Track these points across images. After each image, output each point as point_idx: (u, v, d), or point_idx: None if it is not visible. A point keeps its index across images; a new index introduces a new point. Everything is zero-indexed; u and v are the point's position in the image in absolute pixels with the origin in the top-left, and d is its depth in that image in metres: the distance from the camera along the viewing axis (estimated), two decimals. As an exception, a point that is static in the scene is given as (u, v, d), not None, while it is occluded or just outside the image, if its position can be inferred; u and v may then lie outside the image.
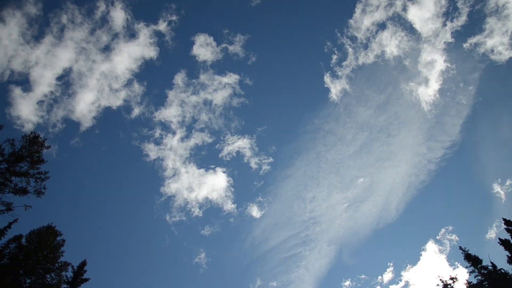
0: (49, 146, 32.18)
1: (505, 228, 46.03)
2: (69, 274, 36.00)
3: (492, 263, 45.34)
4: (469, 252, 45.81)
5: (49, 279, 32.59)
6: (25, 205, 31.08)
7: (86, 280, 36.58)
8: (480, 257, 45.76)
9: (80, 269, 36.59)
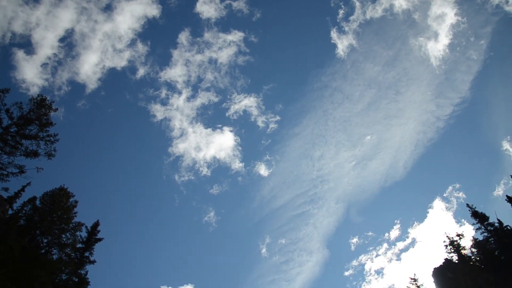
0: (57, 109, 32.29)
1: (513, 185, 46.02)
2: (83, 234, 37.09)
3: (498, 220, 45.68)
4: (476, 209, 46.13)
5: (64, 239, 33.58)
6: (37, 167, 31.58)
7: (100, 239, 37.69)
8: (487, 214, 46.07)
9: (94, 229, 37.61)
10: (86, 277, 35.22)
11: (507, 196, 44.89)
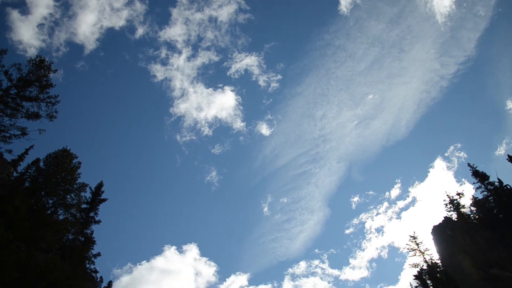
0: (56, 70, 31.95)
1: (515, 145, 46.03)
2: (88, 195, 37.76)
3: (499, 179, 46.02)
4: (477, 168, 46.39)
5: (69, 200, 34.14)
6: (39, 129, 31.64)
7: (104, 200, 38.44)
8: (488, 174, 46.38)
9: (98, 190, 38.28)
10: (92, 236, 36.19)
11: (508, 155, 45.00)
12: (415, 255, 45.58)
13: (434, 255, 45.51)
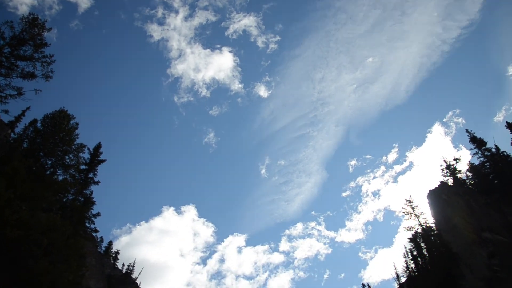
0: (50, 29, 31.07)
1: (514, 111, 45.94)
2: (86, 156, 37.71)
3: (496, 145, 46.18)
4: (474, 134, 46.47)
5: (68, 160, 34.13)
6: (35, 89, 31.20)
7: (102, 161, 38.44)
8: (485, 140, 46.44)
9: (96, 151, 38.21)
10: (92, 197, 36.46)
11: (507, 122, 44.95)
12: (410, 218, 46.43)
13: (429, 219, 46.41)
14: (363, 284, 53.94)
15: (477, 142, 45.95)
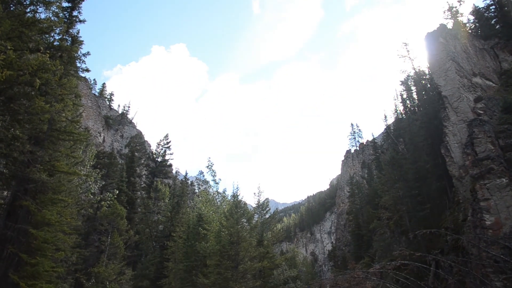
0: None
1: None
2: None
3: (506, -14, 43.34)
4: (486, -27, 43.05)
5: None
6: None
7: (86, -2, 35.75)
8: (496, -21, 43.31)
9: (77, -13, 35.22)
10: (79, 36, 34.98)
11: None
12: (404, 62, 46.10)
13: (422, 64, 46.33)
14: (351, 124, 56.89)
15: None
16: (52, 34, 32.99)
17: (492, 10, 44.31)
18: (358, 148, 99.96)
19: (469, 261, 19.52)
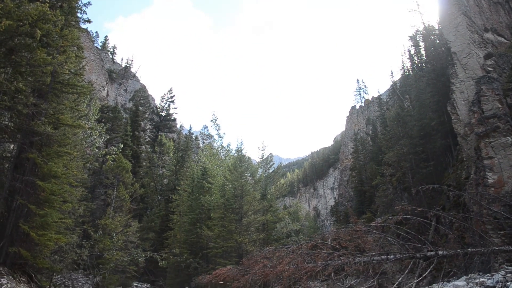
0: None
1: None
2: None
3: None
4: None
5: None
6: None
7: None
8: None
9: None
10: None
11: None
12: (414, 16, 44.71)
13: (432, 20, 44.80)
14: (357, 79, 56.09)
15: None
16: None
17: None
18: (363, 104, 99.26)
19: (470, 217, 19.84)
